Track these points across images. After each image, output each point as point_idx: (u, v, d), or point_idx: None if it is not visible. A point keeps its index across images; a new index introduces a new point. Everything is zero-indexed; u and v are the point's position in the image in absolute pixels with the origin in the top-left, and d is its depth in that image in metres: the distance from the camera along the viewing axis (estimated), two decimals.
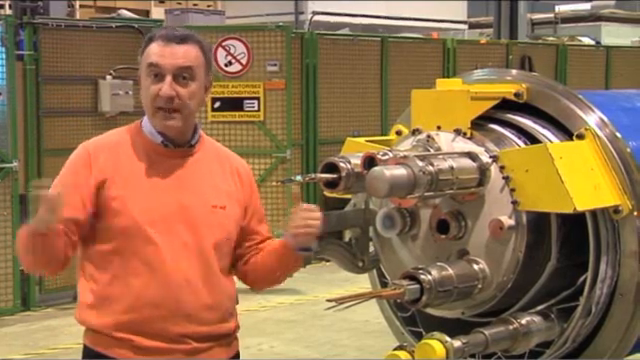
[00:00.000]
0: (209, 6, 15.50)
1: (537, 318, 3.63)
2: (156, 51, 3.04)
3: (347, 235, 4.05)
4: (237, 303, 3.25)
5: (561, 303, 3.70)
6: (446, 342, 3.40)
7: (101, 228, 3.05)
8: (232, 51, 10.37)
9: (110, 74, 9.38)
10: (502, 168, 3.61)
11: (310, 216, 3.10)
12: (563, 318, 3.69)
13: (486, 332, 3.55)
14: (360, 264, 4.07)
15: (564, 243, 3.70)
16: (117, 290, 3.05)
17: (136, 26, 9.76)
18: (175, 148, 3.11)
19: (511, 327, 3.60)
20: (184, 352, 3.06)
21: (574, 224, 3.66)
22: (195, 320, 3.06)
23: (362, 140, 4.16)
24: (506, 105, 3.89)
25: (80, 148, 3.15)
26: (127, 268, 3.03)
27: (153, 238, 3.01)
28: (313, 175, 3.69)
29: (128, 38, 9.50)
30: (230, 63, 10.37)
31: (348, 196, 3.99)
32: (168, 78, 3.01)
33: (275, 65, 10.43)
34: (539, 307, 3.67)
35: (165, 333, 3.04)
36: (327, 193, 3.80)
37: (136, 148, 3.11)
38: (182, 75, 3.03)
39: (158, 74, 3.03)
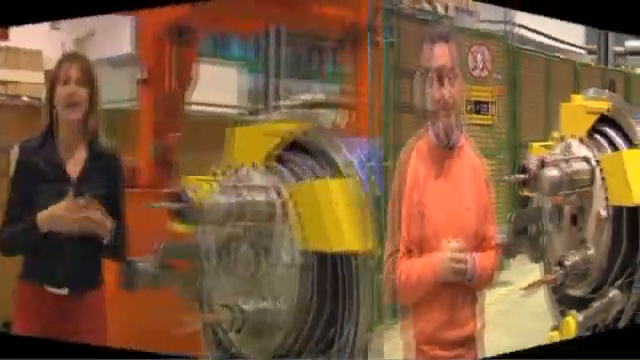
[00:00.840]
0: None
1: (616, 292, 4.24)
2: (430, 54, 3.12)
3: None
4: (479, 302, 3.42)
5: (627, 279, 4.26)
6: (575, 318, 4.07)
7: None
8: (479, 56, 10.91)
9: None
10: (601, 170, 4.26)
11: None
12: (628, 290, 4.25)
13: (595, 305, 4.18)
14: (535, 254, 4.72)
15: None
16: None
17: None
18: (448, 150, 3.24)
19: (605, 301, 4.19)
20: (454, 357, 3.21)
21: None
22: (460, 324, 3.21)
23: (539, 145, 4.82)
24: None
25: (407, 158, 3.30)
26: None
27: (436, 245, 3.09)
28: (518, 175, 4.25)
29: None
30: (477, 67, 10.89)
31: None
32: (439, 81, 3.11)
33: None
34: (618, 282, 4.24)
35: (445, 340, 3.17)
36: (522, 192, 4.43)
37: (426, 152, 3.25)
38: (449, 75, 3.13)
39: (436, 76, 3.12)
